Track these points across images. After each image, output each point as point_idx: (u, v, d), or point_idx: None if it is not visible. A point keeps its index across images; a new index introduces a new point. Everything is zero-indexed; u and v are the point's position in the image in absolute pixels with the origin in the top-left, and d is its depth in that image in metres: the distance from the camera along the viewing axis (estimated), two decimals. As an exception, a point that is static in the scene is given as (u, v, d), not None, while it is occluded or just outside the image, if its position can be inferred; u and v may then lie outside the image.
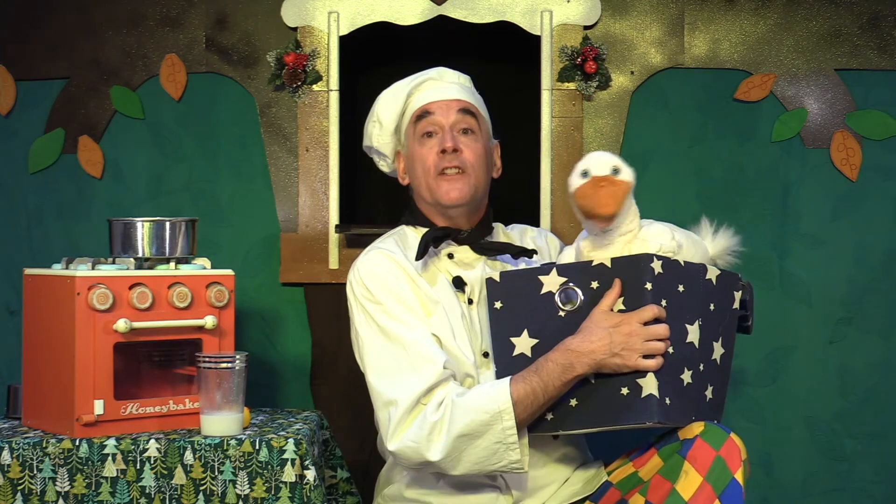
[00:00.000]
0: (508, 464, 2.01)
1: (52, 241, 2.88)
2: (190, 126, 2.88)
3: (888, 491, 2.84)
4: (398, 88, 2.31)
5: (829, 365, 2.85)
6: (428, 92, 2.28)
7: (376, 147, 2.36)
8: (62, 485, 2.15)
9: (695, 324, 2.01)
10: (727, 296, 2.10)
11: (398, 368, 2.09)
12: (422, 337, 2.11)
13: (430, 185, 2.23)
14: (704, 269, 2.05)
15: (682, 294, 1.99)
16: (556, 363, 1.97)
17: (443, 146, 2.21)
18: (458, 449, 2.01)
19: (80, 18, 2.88)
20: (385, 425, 2.09)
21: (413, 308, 2.14)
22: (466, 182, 2.22)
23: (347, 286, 2.22)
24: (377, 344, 2.14)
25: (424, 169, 2.24)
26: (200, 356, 2.23)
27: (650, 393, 1.92)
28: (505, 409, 1.97)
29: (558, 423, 2.02)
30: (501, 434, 1.98)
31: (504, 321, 2.07)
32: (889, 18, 2.85)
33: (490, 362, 2.16)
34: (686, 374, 1.99)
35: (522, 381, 1.99)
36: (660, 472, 1.98)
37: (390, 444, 2.07)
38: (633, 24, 2.86)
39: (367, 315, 2.16)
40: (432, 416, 2.03)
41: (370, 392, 2.15)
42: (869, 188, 2.85)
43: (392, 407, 2.07)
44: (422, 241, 2.20)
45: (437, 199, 2.23)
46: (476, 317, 2.21)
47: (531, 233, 2.43)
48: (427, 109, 2.25)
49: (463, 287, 2.22)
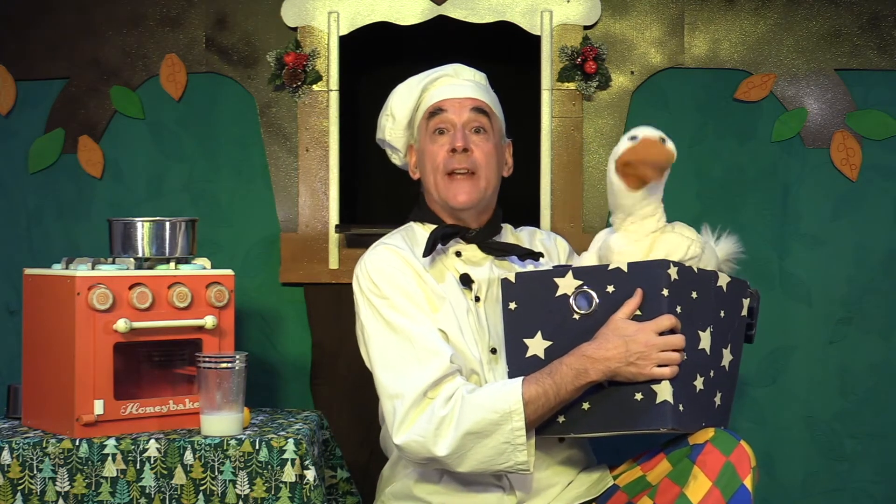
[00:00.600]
0: (515, 464, 2.01)
1: (52, 241, 2.88)
2: (190, 126, 2.88)
3: (888, 491, 2.84)
4: (413, 83, 2.31)
5: (829, 365, 2.85)
6: (442, 88, 2.28)
7: (388, 140, 2.35)
8: (62, 485, 2.15)
9: (707, 330, 2.01)
10: (736, 303, 2.10)
11: (404, 362, 2.08)
12: (428, 331, 2.11)
13: (439, 183, 2.23)
14: (716, 276, 2.05)
15: (696, 300, 1.98)
16: (570, 367, 1.97)
17: (453, 145, 2.21)
18: (465, 446, 2.00)
19: (80, 18, 2.88)
20: (391, 418, 2.08)
21: (419, 303, 2.14)
22: (475, 185, 2.22)
23: (354, 280, 2.22)
24: (383, 338, 2.13)
25: (434, 166, 2.24)
26: (200, 356, 2.23)
27: (665, 399, 1.91)
28: (515, 410, 1.97)
29: (570, 425, 2.02)
30: (510, 434, 1.98)
31: (518, 322, 2.07)
32: (889, 18, 2.85)
33: (497, 359, 2.16)
34: (699, 381, 1.99)
35: (535, 383, 1.99)
36: (668, 476, 1.98)
37: (397, 438, 2.05)
38: (633, 24, 2.86)
39: (374, 309, 2.16)
40: (441, 411, 2.02)
41: (376, 385, 2.15)
42: (869, 188, 2.85)
43: (398, 400, 2.06)
44: (430, 238, 2.20)
45: (445, 201, 2.24)
46: (483, 314, 2.21)
47: (540, 235, 2.43)
48: (440, 106, 2.25)
49: (470, 284, 2.22)
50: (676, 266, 1.94)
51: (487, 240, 2.27)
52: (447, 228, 2.24)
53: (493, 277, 2.24)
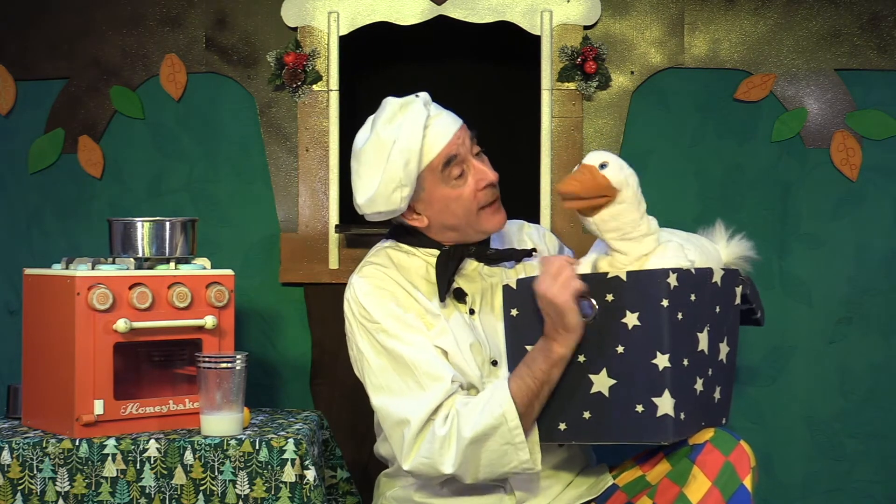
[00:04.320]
0: (519, 464, 2.00)
1: (52, 241, 2.88)
2: (190, 126, 2.88)
3: (888, 491, 2.84)
4: (412, 130, 2.11)
5: (829, 365, 2.85)
6: (438, 131, 2.13)
7: (388, 211, 2.16)
8: (62, 485, 2.15)
9: (704, 331, 2.00)
10: (730, 294, 2.10)
11: (408, 388, 2.07)
12: (426, 354, 2.08)
13: (472, 221, 2.16)
14: (711, 273, 2.04)
15: (694, 303, 1.97)
16: (537, 350, 1.98)
17: (487, 181, 2.14)
18: (469, 456, 2.00)
19: (80, 18, 2.88)
20: (399, 446, 2.07)
21: (412, 325, 2.11)
22: (501, 204, 2.20)
23: (345, 304, 2.18)
24: (382, 365, 2.11)
25: (466, 209, 2.15)
26: (200, 356, 2.23)
27: (665, 413, 1.90)
28: (507, 410, 1.97)
29: (570, 433, 2.01)
30: (508, 435, 1.98)
31: (519, 329, 2.06)
32: (889, 18, 2.85)
33: (498, 371, 2.15)
34: (698, 384, 1.98)
35: (517, 378, 1.99)
36: (668, 476, 1.98)
37: (405, 465, 2.05)
38: (633, 24, 2.86)
39: (369, 336, 2.13)
40: (441, 431, 2.02)
41: (377, 413, 2.13)
42: (869, 188, 2.85)
43: (405, 427, 2.05)
44: (441, 278, 2.15)
45: (482, 231, 2.19)
46: (479, 326, 2.19)
47: (528, 228, 2.39)
48: (451, 153, 2.13)
49: (464, 298, 2.20)
50: (675, 272, 1.93)
51: (486, 251, 2.23)
52: (453, 262, 2.18)
53: (485, 286, 2.21)
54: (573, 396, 1.99)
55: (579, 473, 2.21)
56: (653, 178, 2.80)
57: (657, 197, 2.77)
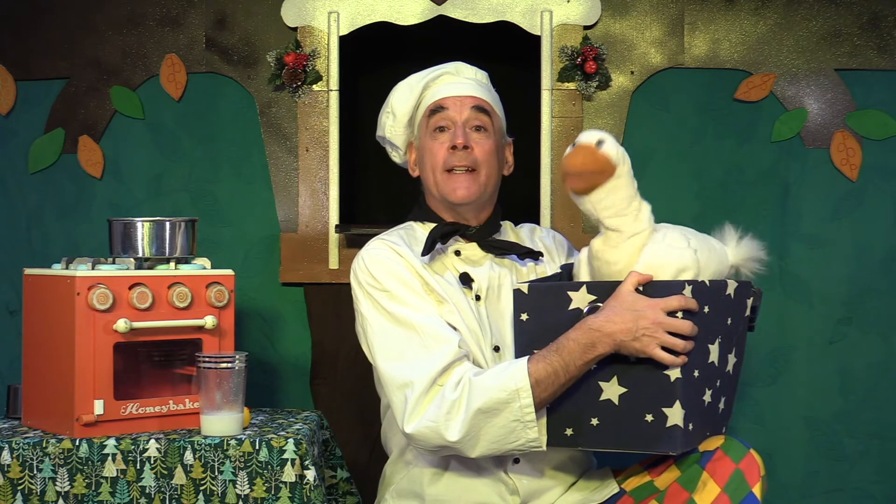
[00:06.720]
0: (526, 442, 1.99)
1: (52, 241, 2.88)
2: (190, 126, 2.88)
3: (888, 491, 2.84)
4: (414, 80, 2.30)
5: (829, 365, 2.86)
6: (443, 86, 2.27)
7: (389, 138, 2.34)
8: (62, 485, 2.15)
9: (715, 342, 1.99)
10: (741, 306, 2.09)
11: (411, 351, 2.07)
12: (432, 318, 2.09)
13: (438, 180, 2.23)
14: (725, 285, 2.03)
15: (707, 315, 1.96)
16: (577, 342, 1.93)
17: (454, 142, 2.21)
18: (476, 426, 1.97)
19: (80, 18, 2.88)
20: (401, 409, 2.05)
21: (420, 292, 2.13)
22: (475, 180, 2.21)
23: (351, 275, 2.20)
24: (387, 329, 2.11)
25: (433, 164, 2.23)
26: (200, 356, 2.23)
27: (675, 423, 1.89)
28: (522, 387, 1.95)
29: (577, 438, 1.99)
30: (519, 412, 1.96)
31: (529, 333, 2.04)
32: (889, 18, 2.85)
33: (500, 357, 2.15)
34: (707, 395, 1.98)
35: (543, 361, 1.95)
36: (677, 482, 1.97)
37: (407, 427, 2.03)
38: (633, 24, 2.86)
39: (375, 302, 2.14)
40: (451, 395, 2.00)
41: (381, 378, 2.12)
42: (869, 188, 2.85)
43: (408, 389, 2.04)
44: (429, 236, 2.19)
45: (444, 196, 2.23)
46: (484, 312, 2.20)
47: (540, 232, 2.41)
48: (441, 104, 2.25)
49: (470, 283, 2.21)
50: (691, 285, 1.92)
51: (487, 237, 2.27)
52: (447, 227, 2.23)
53: (492, 276, 2.23)
54: (581, 402, 1.98)
55: (581, 476, 2.21)
56: (653, 178, 2.80)
57: (657, 197, 2.76)
